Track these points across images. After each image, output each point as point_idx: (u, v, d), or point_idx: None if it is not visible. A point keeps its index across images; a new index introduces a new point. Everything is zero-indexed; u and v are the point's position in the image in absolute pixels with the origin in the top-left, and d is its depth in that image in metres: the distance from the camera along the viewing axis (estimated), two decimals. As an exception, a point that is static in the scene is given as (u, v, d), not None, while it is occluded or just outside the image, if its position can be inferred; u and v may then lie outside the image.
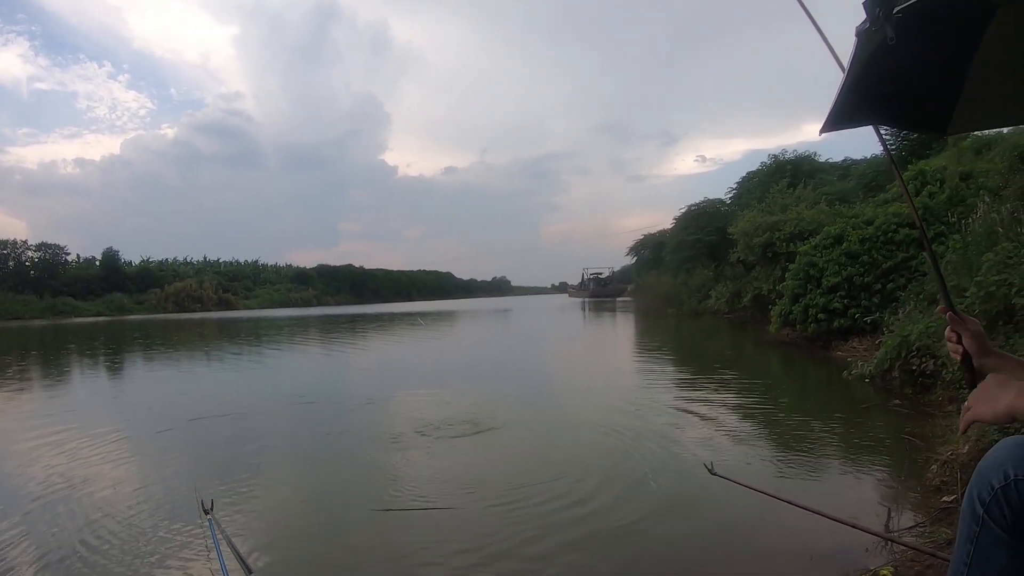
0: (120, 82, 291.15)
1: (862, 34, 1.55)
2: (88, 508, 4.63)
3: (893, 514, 3.80)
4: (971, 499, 1.35)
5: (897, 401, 6.97)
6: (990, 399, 1.36)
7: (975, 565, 1.33)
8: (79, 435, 7.07)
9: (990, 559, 1.31)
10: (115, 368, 15.93)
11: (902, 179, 2.12)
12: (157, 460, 6.15)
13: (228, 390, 10.93)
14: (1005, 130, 14.53)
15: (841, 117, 1.82)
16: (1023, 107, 1.97)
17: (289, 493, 5.11)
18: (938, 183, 11.81)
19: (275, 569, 3.65)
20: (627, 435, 6.35)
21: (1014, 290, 6.31)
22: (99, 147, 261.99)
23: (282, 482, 5.46)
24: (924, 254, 10.18)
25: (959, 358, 1.63)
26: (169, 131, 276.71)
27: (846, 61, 1.66)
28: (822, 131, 1.90)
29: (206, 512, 3.71)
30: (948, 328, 1.66)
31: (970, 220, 8.85)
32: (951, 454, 4.44)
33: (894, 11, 1.49)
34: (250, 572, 3.24)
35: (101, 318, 59.42)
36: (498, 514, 4.27)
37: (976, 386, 1.47)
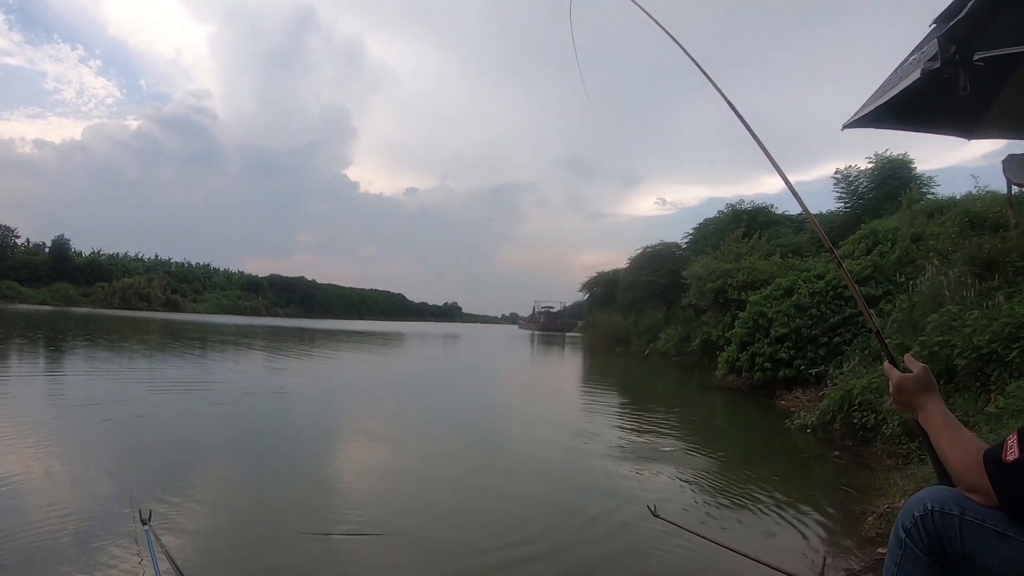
0: (91, 67, 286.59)
1: (927, 73, 1.44)
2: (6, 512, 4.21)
3: (828, 562, 3.76)
4: (896, 529, 1.56)
5: (837, 453, 7.01)
6: (908, 403, 1.66)
7: None
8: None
9: None
10: (54, 361, 15.28)
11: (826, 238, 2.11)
12: (87, 461, 5.74)
13: (170, 392, 10.50)
14: (957, 196, 15.20)
15: (870, 119, 1.84)
16: None
17: (227, 503, 4.83)
18: (889, 243, 12.11)
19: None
20: (570, 471, 6.26)
21: (956, 351, 6.45)
22: (61, 130, 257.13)
23: (221, 491, 5.15)
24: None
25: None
26: (133, 122, 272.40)
27: (886, 72, 1.65)
28: (845, 127, 1.94)
29: (143, 523, 3.48)
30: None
31: (918, 281, 9.04)
32: (887, 507, 4.45)
33: (974, 58, 1.39)
34: None
35: (45, 307, 57.35)
36: (432, 547, 4.11)
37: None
